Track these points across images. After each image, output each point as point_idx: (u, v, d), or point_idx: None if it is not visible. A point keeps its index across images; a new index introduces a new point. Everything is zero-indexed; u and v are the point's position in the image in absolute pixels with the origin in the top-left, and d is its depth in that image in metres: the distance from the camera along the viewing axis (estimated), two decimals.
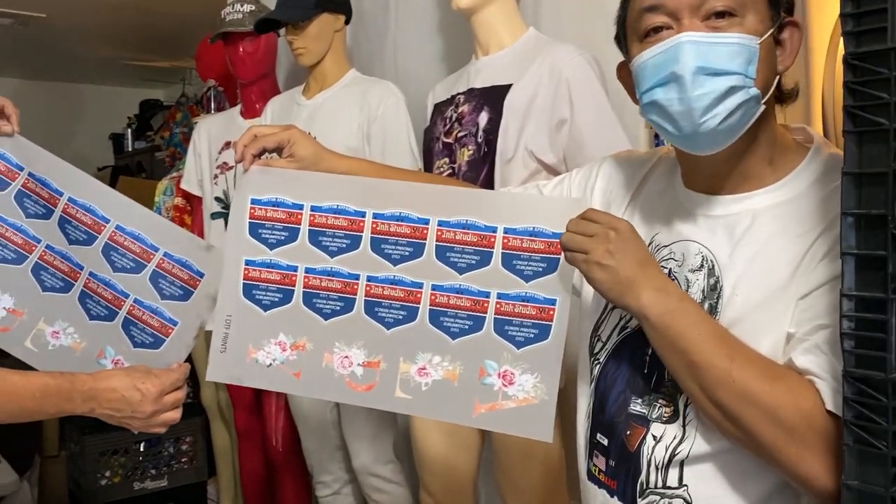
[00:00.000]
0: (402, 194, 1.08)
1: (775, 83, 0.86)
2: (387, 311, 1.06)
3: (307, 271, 1.09)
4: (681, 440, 0.87)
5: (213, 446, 2.79)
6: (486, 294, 1.02)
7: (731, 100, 0.81)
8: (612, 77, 1.55)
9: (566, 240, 0.89)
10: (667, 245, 0.93)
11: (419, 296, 1.05)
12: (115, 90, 5.87)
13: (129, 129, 5.32)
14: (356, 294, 1.07)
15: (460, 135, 1.66)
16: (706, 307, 0.86)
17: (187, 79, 4.71)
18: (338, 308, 1.08)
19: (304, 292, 1.09)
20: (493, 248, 1.02)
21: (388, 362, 1.05)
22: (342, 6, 2.01)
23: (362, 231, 1.08)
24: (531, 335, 1.00)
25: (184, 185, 2.45)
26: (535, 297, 1.00)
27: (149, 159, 4.92)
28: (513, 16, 1.70)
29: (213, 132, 2.35)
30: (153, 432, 1.09)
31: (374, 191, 1.09)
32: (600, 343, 0.98)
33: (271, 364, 1.10)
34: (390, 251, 1.06)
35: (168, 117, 4.57)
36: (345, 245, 1.08)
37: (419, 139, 1.89)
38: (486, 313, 1.02)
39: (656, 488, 0.88)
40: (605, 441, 0.95)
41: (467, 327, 1.03)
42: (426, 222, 1.05)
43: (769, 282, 0.83)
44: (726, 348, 0.80)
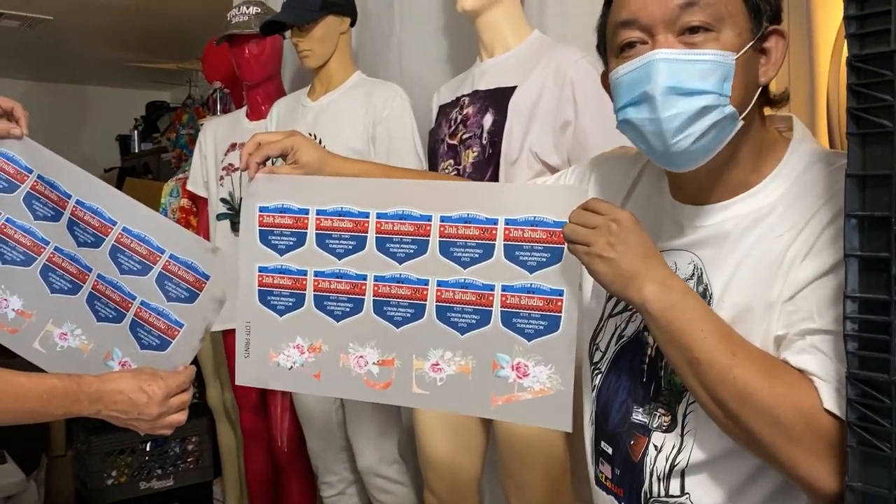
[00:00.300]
0: (403, 192, 1.09)
1: (757, 94, 0.85)
2: (395, 309, 1.07)
3: (316, 274, 1.11)
4: (679, 450, 0.87)
5: (218, 446, 2.80)
6: (491, 287, 1.02)
7: (704, 120, 0.79)
8: None
9: (568, 231, 0.88)
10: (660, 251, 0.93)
11: (425, 293, 1.05)
12: (122, 92, 5.89)
13: (136, 131, 5.34)
14: (364, 294, 1.08)
15: (465, 136, 1.67)
16: None
17: (193, 80, 4.72)
18: (348, 309, 1.09)
19: (314, 296, 1.11)
20: (494, 240, 1.02)
21: (401, 360, 1.07)
22: (347, 8, 2.02)
23: (367, 232, 1.08)
24: (541, 327, 0.99)
25: (189, 187, 2.46)
26: (541, 289, 0.99)
27: (155, 161, 4.94)
28: (517, 18, 1.70)
29: (218, 134, 2.36)
30: (159, 434, 1.10)
31: (376, 191, 1.10)
32: (599, 352, 0.98)
33: (292, 367, 1.12)
34: (395, 250, 1.07)
35: (174, 119, 4.59)
36: (351, 247, 1.09)
37: (424, 141, 1.89)
38: (492, 307, 1.02)
39: (660, 497, 0.88)
40: (610, 450, 0.94)
41: (475, 322, 1.03)
42: (428, 219, 1.05)
43: (755, 285, 0.82)
44: (728, 344, 0.79)
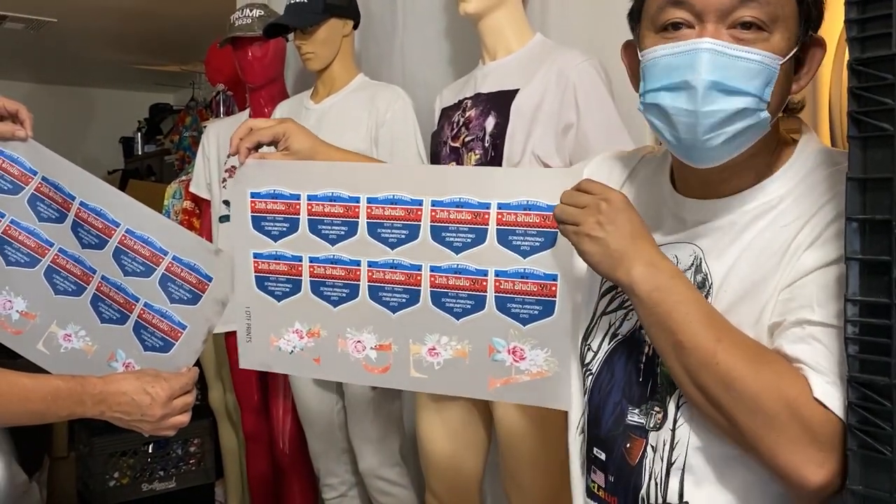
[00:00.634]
0: (393, 176, 1.08)
1: (786, 103, 0.83)
2: (390, 295, 1.07)
3: (311, 260, 1.11)
4: (672, 446, 0.84)
5: (220, 448, 2.81)
6: (484, 273, 1.01)
7: (740, 123, 0.77)
8: (618, 82, 1.57)
9: (558, 212, 0.86)
10: (659, 245, 0.91)
11: (419, 278, 1.05)
12: (126, 94, 5.91)
13: (139, 133, 5.36)
14: (359, 280, 1.08)
15: (467, 139, 1.67)
16: None
17: (197, 83, 4.74)
18: (344, 295, 1.09)
19: (311, 281, 1.11)
20: (487, 224, 1.01)
21: (398, 345, 1.07)
22: (350, 11, 2.02)
23: (358, 217, 1.08)
24: (535, 312, 0.99)
25: (193, 189, 2.46)
26: (535, 274, 0.98)
27: (158, 163, 4.95)
28: (520, 21, 1.71)
29: (221, 136, 2.37)
30: (162, 435, 1.10)
31: (366, 175, 1.09)
32: (591, 353, 0.96)
33: (293, 351, 1.13)
34: (387, 235, 1.06)
35: (178, 121, 4.60)
36: (343, 232, 1.09)
37: (426, 143, 1.89)
38: (486, 292, 1.01)
39: (657, 503, 0.85)
40: (603, 456, 0.92)
41: (469, 307, 1.02)
42: (419, 203, 1.04)
43: (755, 274, 0.81)
44: (714, 330, 0.77)
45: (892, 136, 0.64)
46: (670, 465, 0.84)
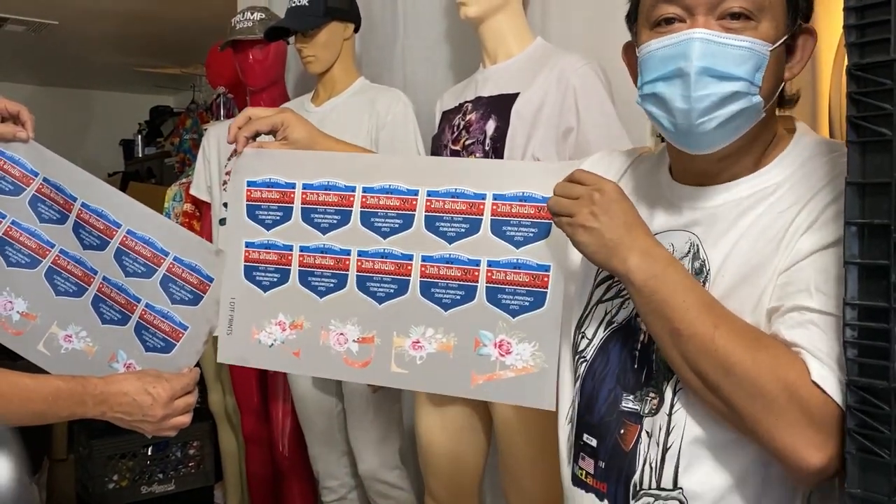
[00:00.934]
0: (390, 167, 1.08)
1: (780, 90, 0.86)
2: (378, 285, 1.06)
3: (301, 249, 1.10)
4: (668, 431, 0.85)
5: (220, 451, 2.80)
6: (477, 262, 1.00)
7: (733, 105, 0.80)
8: (618, 86, 1.57)
9: (552, 203, 0.87)
10: (654, 234, 0.90)
11: (409, 268, 1.04)
12: (126, 96, 5.92)
13: (140, 136, 5.36)
14: (348, 270, 1.07)
15: (468, 142, 1.67)
16: None
17: (197, 85, 4.74)
18: (332, 285, 1.08)
19: (299, 271, 1.10)
20: (482, 214, 1.01)
21: (381, 337, 1.05)
22: (351, 15, 2.03)
23: (352, 206, 1.08)
24: (526, 303, 0.98)
25: (193, 191, 2.47)
26: (528, 264, 0.98)
27: (158, 165, 4.96)
28: (520, 25, 1.71)
29: (222, 139, 2.36)
30: (164, 436, 1.10)
31: (364, 165, 1.09)
32: (585, 340, 0.96)
33: (273, 344, 1.11)
34: (380, 224, 1.06)
35: (178, 124, 4.60)
36: (336, 221, 1.08)
37: (427, 146, 1.90)
38: (477, 282, 1.00)
39: (650, 489, 0.85)
40: (594, 442, 0.92)
41: (459, 297, 1.01)
42: (415, 193, 1.04)
43: (752, 258, 0.82)
44: (711, 316, 0.78)
45: (891, 140, 0.64)
46: (665, 451, 0.85)
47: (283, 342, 1.10)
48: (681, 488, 0.84)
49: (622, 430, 0.89)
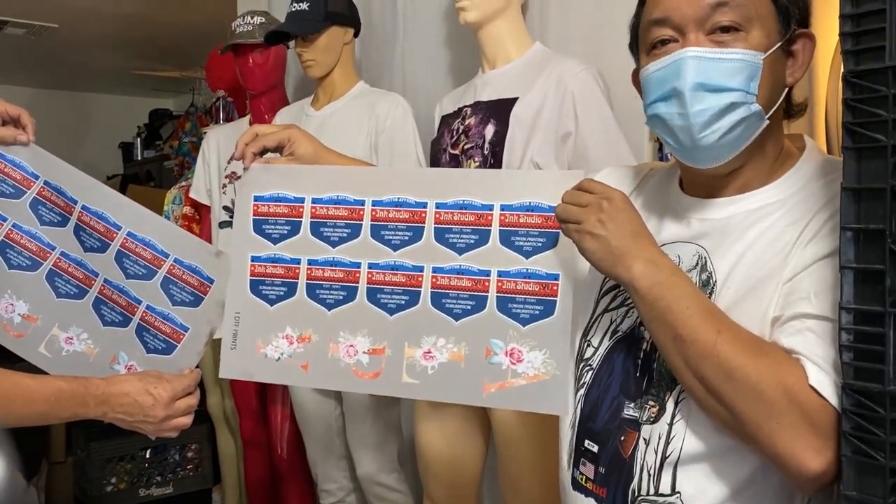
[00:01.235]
0: (399, 180, 1.09)
1: (783, 96, 0.87)
2: (389, 296, 1.07)
3: (310, 263, 1.11)
4: (668, 440, 0.86)
5: (218, 454, 2.80)
6: (487, 273, 1.02)
7: (732, 116, 0.82)
8: (617, 91, 1.58)
9: (560, 210, 0.89)
10: (662, 245, 0.92)
11: (420, 279, 1.05)
12: (125, 99, 5.93)
13: (139, 139, 5.38)
14: (358, 282, 1.08)
15: (467, 147, 1.68)
16: None
17: (196, 89, 4.75)
18: (340, 298, 1.09)
19: (307, 284, 1.11)
20: (490, 225, 1.02)
21: (392, 349, 1.06)
22: (351, 19, 2.04)
23: (362, 219, 1.09)
24: (536, 312, 1.00)
25: (192, 194, 2.47)
26: (537, 273, 1.00)
27: (157, 168, 4.97)
28: (519, 30, 1.72)
29: (222, 142, 2.38)
30: (164, 436, 1.11)
31: (372, 178, 1.11)
32: (591, 348, 0.97)
33: (279, 358, 1.11)
34: (390, 237, 1.07)
35: (177, 127, 4.62)
36: (346, 234, 1.10)
37: (426, 150, 1.91)
38: (487, 292, 1.02)
39: (648, 495, 0.87)
40: (595, 448, 0.93)
41: (470, 308, 1.03)
42: (424, 205, 1.06)
43: (759, 271, 0.83)
44: (714, 322, 0.79)
45: (886, 147, 0.65)
46: (664, 459, 0.86)
47: (290, 356, 1.10)
48: (679, 493, 0.85)
49: (622, 437, 0.90)
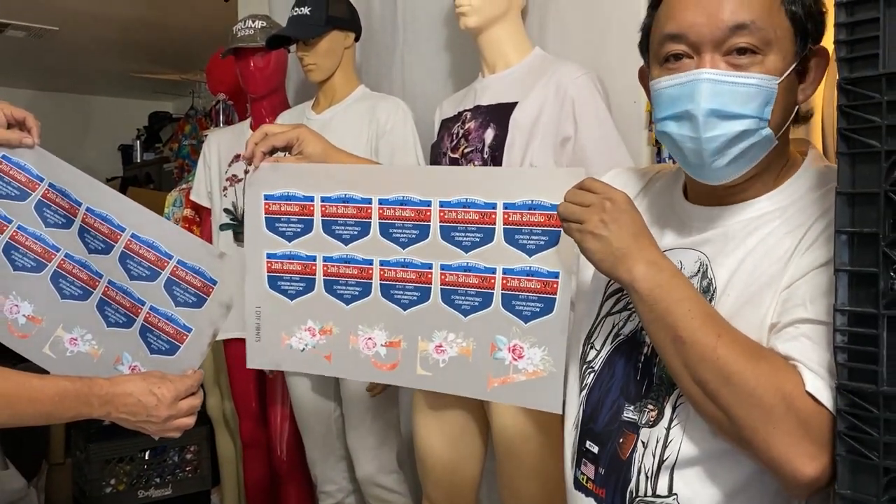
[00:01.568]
0: (402, 178, 1.12)
1: (794, 114, 0.86)
2: (401, 292, 1.10)
3: (325, 260, 1.15)
4: (665, 444, 0.86)
5: (217, 455, 2.81)
6: (493, 270, 1.05)
7: (743, 143, 0.82)
8: (616, 95, 1.59)
9: (562, 209, 0.89)
10: (665, 251, 0.92)
11: (430, 276, 1.08)
12: (125, 102, 5.93)
13: (138, 141, 5.38)
14: (372, 279, 1.12)
15: (466, 150, 1.69)
16: None
17: (196, 92, 4.76)
18: (357, 293, 1.13)
19: (324, 280, 1.15)
20: (494, 224, 1.04)
21: (407, 342, 1.10)
22: (352, 24, 2.05)
23: (370, 217, 1.12)
24: (537, 309, 1.02)
25: (193, 197, 2.48)
26: (539, 271, 1.02)
27: (157, 170, 4.97)
28: (519, 35, 1.73)
29: (223, 145, 2.39)
30: (168, 437, 1.12)
31: (377, 177, 1.14)
32: (594, 351, 0.98)
33: (304, 349, 1.16)
34: (398, 235, 1.10)
35: (177, 129, 4.63)
36: (356, 232, 1.13)
37: (426, 154, 1.92)
38: (493, 289, 1.05)
39: (646, 496, 0.87)
40: (596, 449, 0.94)
41: (477, 304, 1.06)
42: (428, 204, 1.08)
43: (760, 278, 0.84)
44: (714, 326, 0.80)
45: (880, 152, 0.66)
46: (661, 462, 0.87)
47: (314, 346, 1.16)
48: (675, 494, 0.86)
49: (621, 440, 0.91)
